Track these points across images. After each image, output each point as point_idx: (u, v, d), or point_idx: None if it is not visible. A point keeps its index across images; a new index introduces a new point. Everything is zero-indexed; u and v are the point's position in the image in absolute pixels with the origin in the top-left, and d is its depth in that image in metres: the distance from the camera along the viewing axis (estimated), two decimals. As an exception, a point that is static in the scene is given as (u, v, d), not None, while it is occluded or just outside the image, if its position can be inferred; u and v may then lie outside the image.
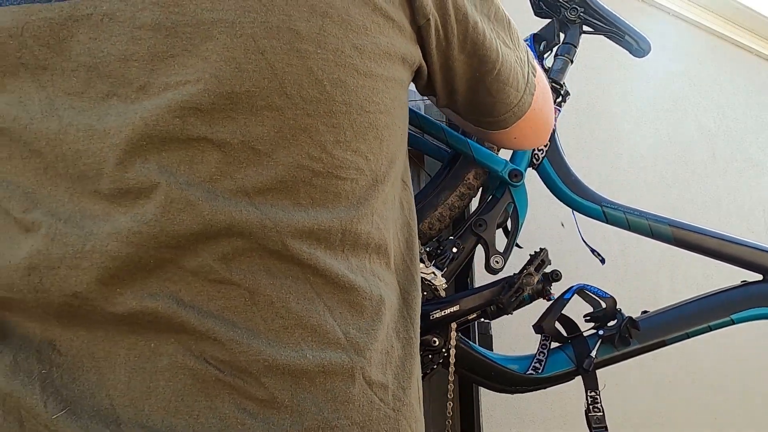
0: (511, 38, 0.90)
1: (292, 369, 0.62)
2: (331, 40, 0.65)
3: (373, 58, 0.68)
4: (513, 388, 1.29)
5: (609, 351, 1.28)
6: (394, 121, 0.73)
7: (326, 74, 0.65)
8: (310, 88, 0.64)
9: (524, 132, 1.01)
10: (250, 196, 0.62)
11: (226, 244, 0.62)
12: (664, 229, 1.35)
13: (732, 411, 2.92)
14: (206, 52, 0.61)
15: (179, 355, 0.60)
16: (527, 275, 1.21)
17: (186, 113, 0.60)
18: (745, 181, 3.40)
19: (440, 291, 1.22)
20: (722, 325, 1.30)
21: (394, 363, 0.71)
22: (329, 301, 0.65)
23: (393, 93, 0.72)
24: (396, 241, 0.78)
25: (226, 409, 0.60)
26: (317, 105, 0.64)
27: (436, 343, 1.18)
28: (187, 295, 0.61)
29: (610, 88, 2.93)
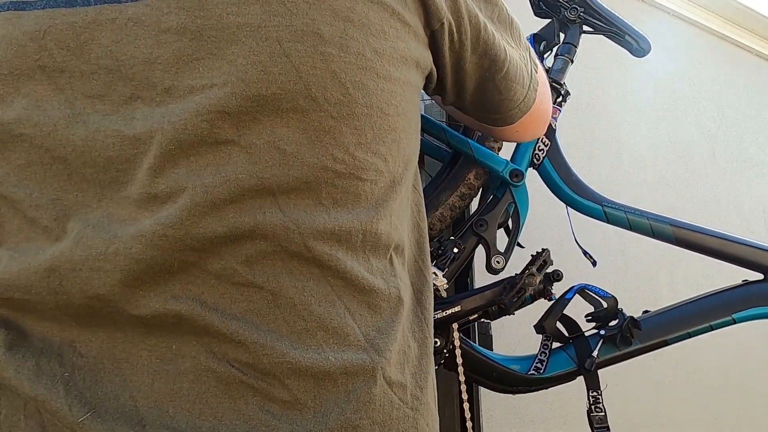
0: (513, 37, 0.91)
1: (315, 371, 0.62)
2: (352, 43, 0.66)
3: (391, 62, 0.70)
4: (515, 389, 1.29)
5: (611, 351, 1.28)
6: (409, 124, 0.75)
7: (349, 77, 0.66)
8: (334, 91, 0.65)
9: (526, 125, 1.03)
10: (275, 195, 0.63)
11: (250, 247, 0.62)
12: (665, 228, 1.35)
13: (732, 411, 2.92)
14: (232, 56, 0.62)
15: (202, 357, 0.61)
16: (529, 275, 1.21)
17: (214, 117, 0.61)
18: (745, 181, 3.40)
19: (441, 291, 1.22)
20: (723, 324, 1.30)
21: (412, 363, 0.72)
22: (349, 303, 0.66)
23: (409, 96, 0.73)
24: (409, 242, 0.79)
25: (250, 410, 0.60)
26: (340, 107, 0.65)
27: (437, 344, 1.18)
28: (210, 298, 0.61)
29: (610, 88, 2.93)
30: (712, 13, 3.39)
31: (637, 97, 3.02)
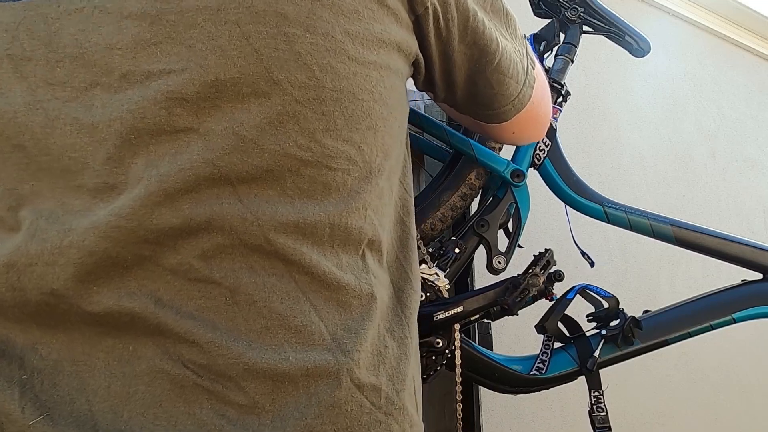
0: (508, 30, 0.88)
1: (273, 372, 0.59)
2: (320, 24, 0.63)
3: (366, 45, 0.66)
4: (516, 389, 1.29)
5: (612, 351, 1.28)
6: (390, 111, 0.71)
7: (315, 59, 0.63)
8: (298, 73, 0.62)
9: (523, 126, 1.00)
10: (234, 185, 0.60)
11: (207, 240, 0.60)
12: (665, 228, 1.35)
13: (732, 411, 2.93)
14: (191, 40, 0.60)
15: (157, 359, 0.58)
16: (533, 276, 1.21)
17: (172, 104, 0.59)
18: (745, 181, 3.40)
19: (444, 292, 1.22)
20: (723, 324, 1.30)
21: (389, 364, 0.68)
22: (315, 300, 0.63)
23: (389, 82, 0.70)
24: (390, 238, 0.76)
25: (204, 415, 0.57)
26: (305, 91, 0.62)
27: (439, 345, 1.18)
28: (166, 295, 0.59)
29: (610, 88, 2.93)
30: (712, 13, 3.39)
31: (637, 97, 3.02)
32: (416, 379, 0.74)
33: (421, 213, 1.32)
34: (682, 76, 3.27)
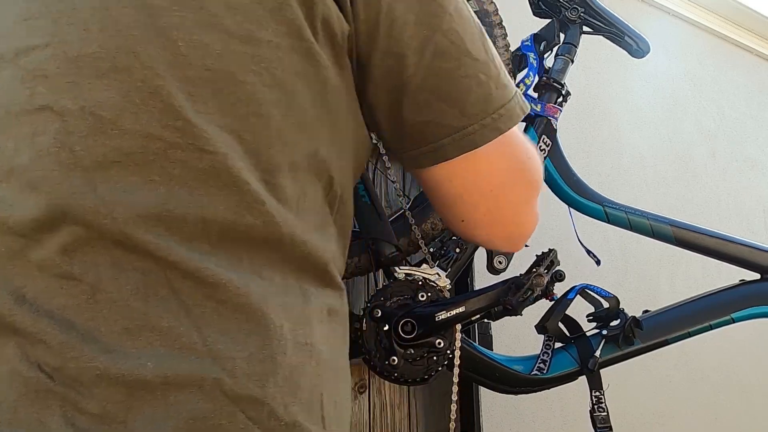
0: (473, 46, 0.73)
1: (128, 379, 0.53)
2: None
3: (257, 21, 0.60)
4: (517, 389, 1.30)
5: (613, 351, 1.28)
6: (296, 100, 0.63)
7: (181, 34, 0.58)
8: (162, 49, 0.57)
9: (477, 197, 0.78)
10: (89, 172, 0.55)
11: (67, 234, 0.55)
12: (665, 228, 1.36)
13: (732, 411, 2.93)
14: (57, 14, 0.57)
15: (16, 361, 0.53)
16: (537, 276, 1.20)
17: (35, 82, 0.56)
18: (745, 181, 3.40)
19: (445, 292, 1.22)
20: (722, 323, 1.31)
21: (282, 374, 0.59)
22: (189, 299, 0.56)
23: (298, 67, 0.62)
24: (304, 237, 0.65)
25: (53, 423, 0.52)
26: (169, 67, 0.57)
27: (440, 345, 1.18)
28: (30, 292, 0.54)
29: (610, 88, 2.93)
30: (712, 13, 3.39)
31: (637, 97, 3.03)
32: (331, 392, 0.65)
33: (422, 212, 1.32)
34: (682, 76, 3.28)
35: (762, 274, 1.35)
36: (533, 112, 1.39)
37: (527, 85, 1.39)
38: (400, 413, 1.71)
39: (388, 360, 1.17)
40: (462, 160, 0.73)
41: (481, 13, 1.42)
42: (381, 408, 1.68)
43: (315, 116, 0.65)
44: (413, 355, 1.18)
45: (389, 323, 1.18)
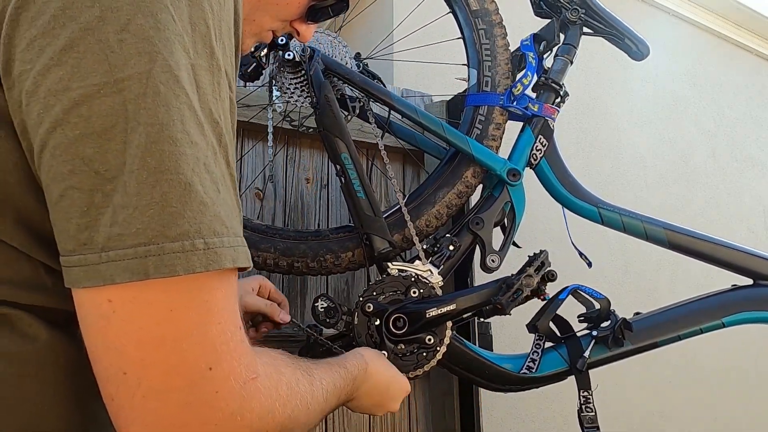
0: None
1: None
2: None
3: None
4: (507, 387, 1.31)
5: (602, 351, 1.29)
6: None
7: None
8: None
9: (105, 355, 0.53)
10: None
11: None
12: (658, 231, 1.36)
13: (732, 411, 2.94)
14: None
15: None
16: (527, 276, 1.21)
17: None
18: (745, 181, 3.40)
19: (437, 289, 1.23)
20: (713, 327, 1.31)
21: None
22: None
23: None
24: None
25: None
26: None
27: (431, 341, 1.19)
28: None
29: (610, 88, 2.93)
30: (712, 13, 3.39)
31: (637, 97, 3.02)
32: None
33: (417, 210, 1.33)
34: (682, 76, 3.27)
35: (754, 279, 1.35)
36: (530, 113, 1.39)
37: (525, 85, 1.39)
38: (400, 413, 1.72)
39: (378, 354, 1.18)
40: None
41: (481, 13, 1.43)
42: (381, 408, 1.69)
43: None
44: (403, 350, 1.19)
45: (380, 318, 1.19)
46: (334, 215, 1.71)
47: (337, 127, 1.27)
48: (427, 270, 1.25)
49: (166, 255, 0.51)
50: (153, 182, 0.51)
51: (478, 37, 1.42)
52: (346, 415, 1.62)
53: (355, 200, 1.26)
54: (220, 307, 0.55)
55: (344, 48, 1.42)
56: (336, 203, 1.72)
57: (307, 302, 1.61)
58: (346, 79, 1.36)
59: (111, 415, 0.53)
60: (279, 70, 1.36)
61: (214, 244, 0.54)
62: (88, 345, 0.53)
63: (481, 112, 1.39)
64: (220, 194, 0.56)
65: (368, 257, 1.29)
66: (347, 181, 1.26)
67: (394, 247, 1.28)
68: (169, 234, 0.51)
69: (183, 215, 0.52)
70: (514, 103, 1.39)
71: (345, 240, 1.32)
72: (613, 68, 2.93)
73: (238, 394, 0.55)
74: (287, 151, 1.66)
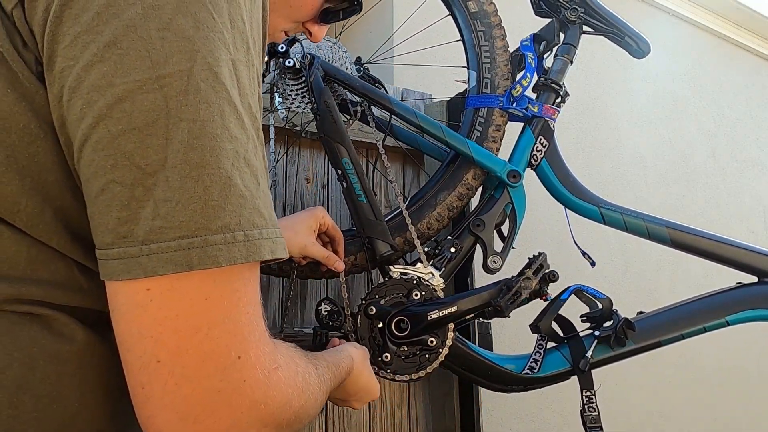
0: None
1: None
2: None
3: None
4: (509, 388, 1.30)
5: (605, 351, 1.28)
6: None
7: None
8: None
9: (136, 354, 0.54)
10: None
11: None
12: (660, 230, 1.35)
13: (732, 411, 2.93)
14: None
15: None
16: (526, 279, 1.22)
17: None
18: (745, 181, 3.40)
19: (438, 291, 1.23)
20: (717, 326, 1.30)
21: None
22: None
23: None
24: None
25: None
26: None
27: (433, 343, 1.19)
28: None
29: (610, 88, 2.93)
30: (712, 13, 3.39)
31: (637, 97, 3.03)
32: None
33: (418, 213, 1.33)
34: (682, 76, 3.28)
35: (759, 277, 1.34)
36: (530, 113, 1.39)
37: (524, 86, 1.39)
38: (400, 413, 1.71)
39: (381, 357, 1.18)
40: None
41: (481, 14, 1.43)
42: (381, 408, 1.69)
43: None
44: (406, 352, 1.19)
45: (383, 321, 1.19)
46: (334, 215, 1.71)
47: (338, 133, 1.28)
48: (428, 272, 1.25)
49: (209, 247, 0.53)
50: (196, 177, 0.53)
51: (477, 39, 1.42)
52: (346, 415, 1.62)
53: (356, 204, 1.27)
54: (249, 297, 0.57)
55: (344, 53, 1.42)
56: (336, 203, 1.72)
57: (307, 304, 1.61)
58: (345, 85, 1.36)
59: (138, 405, 0.54)
60: (280, 77, 1.36)
61: (253, 236, 0.56)
62: (121, 334, 0.54)
63: (481, 114, 1.39)
64: (259, 186, 0.58)
65: (370, 261, 1.29)
66: (348, 186, 1.27)
67: (395, 250, 1.28)
68: (212, 227, 0.53)
69: (224, 208, 0.54)
70: (513, 104, 1.39)
71: (347, 244, 1.32)
72: (613, 68, 2.93)
73: (263, 383, 0.56)
74: (287, 152, 1.66)
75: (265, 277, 1.48)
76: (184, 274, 0.52)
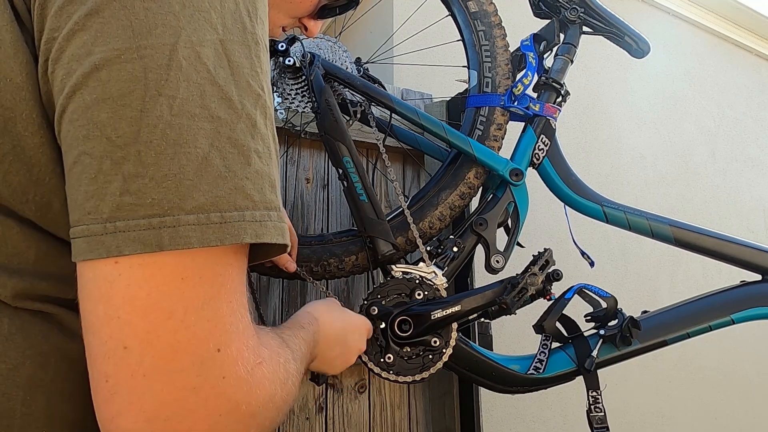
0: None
1: None
2: None
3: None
4: (514, 389, 1.29)
5: (610, 351, 1.28)
6: None
7: None
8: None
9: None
10: None
11: None
12: (664, 228, 1.35)
13: (732, 411, 2.93)
14: None
15: None
16: (531, 275, 1.21)
17: None
18: (745, 181, 3.40)
19: (441, 290, 1.22)
20: (722, 324, 1.29)
21: None
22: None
23: None
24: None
25: None
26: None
27: (436, 344, 1.18)
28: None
29: (610, 88, 2.93)
30: (711, 13, 3.39)
31: (637, 97, 3.03)
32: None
33: (420, 212, 1.32)
34: (682, 76, 3.28)
35: (763, 275, 1.33)
36: (532, 112, 1.39)
37: (525, 85, 1.39)
38: (400, 413, 1.71)
39: (384, 357, 1.17)
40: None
41: (481, 14, 1.42)
42: (381, 408, 1.68)
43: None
44: (409, 353, 1.18)
45: (385, 321, 1.18)
46: (334, 215, 1.70)
47: (338, 132, 1.27)
48: (431, 272, 1.24)
49: (181, 227, 0.49)
50: (171, 154, 0.50)
51: (477, 38, 1.42)
52: (346, 414, 1.61)
53: (357, 204, 1.26)
54: (233, 285, 0.53)
55: (344, 53, 1.41)
56: (336, 203, 1.71)
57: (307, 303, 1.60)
58: (346, 84, 1.35)
59: (101, 403, 0.49)
60: (280, 76, 1.35)
61: (232, 218, 0.51)
62: (87, 316, 0.49)
63: (482, 113, 1.38)
64: (250, 167, 0.54)
65: (372, 260, 1.28)
66: (349, 185, 1.26)
67: (397, 249, 1.27)
68: (185, 207, 0.49)
69: (198, 188, 0.50)
70: (515, 103, 1.38)
71: (348, 244, 1.31)
72: (613, 68, 2.93)
73: (245, 381, 0.52)
74: (287, 152, 1.66)
75: (266, 277, 1.48)
76: (158, 254, 0.48)
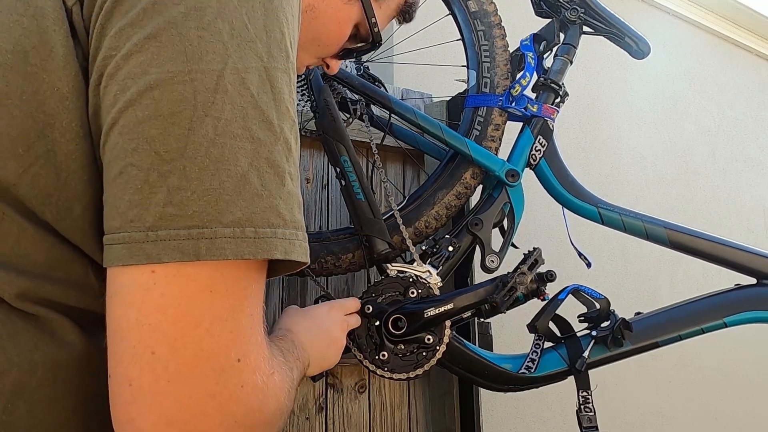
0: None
1: None
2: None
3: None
4: (506, 387, 1.30)
5: (602, 352, 1.28)
6: None
7: None
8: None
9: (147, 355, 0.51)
10: None
11: None
12: (659, 231, 1.35)
13: (732, 411, 2.94)
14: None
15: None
16: (520, 274, 1.22)
17: None
18: (745, 181, 3.40)
19: (434, 289, 1.23)
20: (715, 327, 1.30)
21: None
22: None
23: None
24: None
25: None
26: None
27: (430, 341, 1.19)
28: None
29: (610, 88, 2.93)
30: (711, 13, 3.39)
31: (637, 97, 3.03)
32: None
33: (416, 211, 1.33)
34: (682, 76, 3.28)
35: (757, 278, 1.34)
36: (529, 113, 1.39)
37: (524, 86, 1.39)
38: (400, 413, 1.72)
39: (378, 355, 1.18)
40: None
41: (481, 13, 1.43)
42: (381, 408, 1.69)
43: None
44: (403, 350, 1.19)
45: (380, 319, 1.19)
46: (334, 215, 1.71)
47: (337, 131, 1.28)
48: (425, 271, 1.25)
49: (218, 239, 0.53)
50: (213, 171, 0.54)
51: (477, 38, 1.42)
52: (346, 414, 1.62)
53: (354, 202, 1.27)
54: (254, 299, 0.57)
55: (344, 52, 1.42)
56: (336, 203, 1.72)
57: (307, 302, 1.61)
58: (345, 83, 1.37)
59: (121, 403, 0.51)
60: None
61: (265, 234, 0.56)
62: (116, 321, 0.52)
63: (480, 113, 1.39)
64: (284, 188, 0.58)
65: (368, 259, 1.29)
66: (347, 184, 1.27)
67: (393, 248, 1.28)
68: (223, 220, 0.53)
69: (236, 204, 0.54)
70: (513, 103, 1.39)
71: (345, 242, 1.32)
72: (613, 68, 2.93)
73: (261, 390, 0.56)
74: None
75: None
76: (191, 263, 0.52)
